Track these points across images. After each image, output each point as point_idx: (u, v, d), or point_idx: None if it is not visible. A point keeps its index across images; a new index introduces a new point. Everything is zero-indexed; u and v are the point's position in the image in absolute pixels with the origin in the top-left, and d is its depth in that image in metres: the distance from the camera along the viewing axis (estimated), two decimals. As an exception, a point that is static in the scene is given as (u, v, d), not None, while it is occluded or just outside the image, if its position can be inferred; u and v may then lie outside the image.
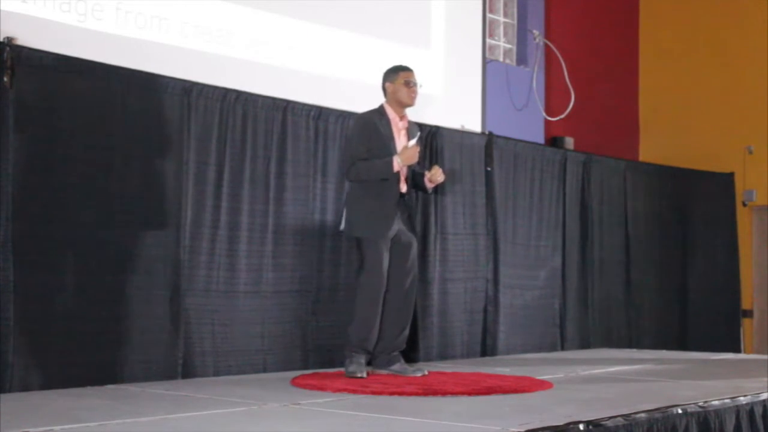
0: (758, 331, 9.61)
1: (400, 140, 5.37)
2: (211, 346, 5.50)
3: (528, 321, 7.60)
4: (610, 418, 3.77)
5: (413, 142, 5.31)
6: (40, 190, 4.80)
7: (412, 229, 5.48)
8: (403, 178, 5.34)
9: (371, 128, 5.32)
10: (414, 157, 5.28)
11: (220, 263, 5.57)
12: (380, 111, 5.41)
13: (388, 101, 5.44)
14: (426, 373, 5.36)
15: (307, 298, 6.00)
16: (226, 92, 5.64)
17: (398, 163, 5.22)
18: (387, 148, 5.29)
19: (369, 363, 5.38)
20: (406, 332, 5.44)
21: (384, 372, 5.34)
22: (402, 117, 5.45)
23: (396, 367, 5.36)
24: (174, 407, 4.15)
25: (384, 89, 5.46)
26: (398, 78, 5.39)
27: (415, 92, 5.41)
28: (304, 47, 6.35)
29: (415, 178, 5.48)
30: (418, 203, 6.60)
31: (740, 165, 9.66)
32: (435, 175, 5.39)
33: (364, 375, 5.18)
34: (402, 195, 5.36)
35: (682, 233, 9.37)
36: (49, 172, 4.84)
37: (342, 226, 5.47)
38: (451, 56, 7.44)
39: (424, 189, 5.55)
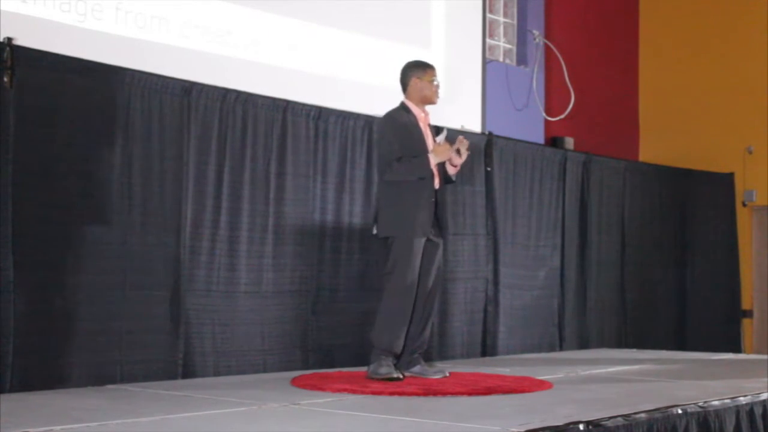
0: (758, 331, 9.61)
1: (428, 137, 5.24)
2: (211, 346, 5.50)
3: (527, 321, 7.60)
4: (610, 418, 3.77)
5: (442, 137, 5.16)
6: (40, 190, 4.80)
7: (441, 228, 5.28)
8: (436, 174, 5.18)
9: (402, 126, 5.16)
10: (447, 152, 5.13)
11: (221, 263, 5.57)
12: (405, 108, 5.25)
13: (409, 97, 5.27)
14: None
15: (307, 298, 6.00)
16: (226, 92, 5.64)
17: (433, 161, 5.10)
18: (420, 145, 5.16)
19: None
20: (428, 333, 5.27)
21: (405, 374, 5.10)
22: (425, 113, 5.31)
23: (417, 368, 5.18)
24: (174, 407, 4.15)
25: (405, 84, 5.28)
26: (426, 75, 5.26)
27: (438, 91, 5.32)
28: (304, 47, 6.35)
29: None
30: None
31: (740, 165, 9.66)
32: (458, 159, 5.20)
33: (401, 377, 4.99)
34: (436, 192, 5.21)
35: (682, 233, 9.37)
36: (49, 173, 4.84)
37: (374, 230, 5.24)
38: (451, 56, 7.44)
39: (449, 179, 5.35)
